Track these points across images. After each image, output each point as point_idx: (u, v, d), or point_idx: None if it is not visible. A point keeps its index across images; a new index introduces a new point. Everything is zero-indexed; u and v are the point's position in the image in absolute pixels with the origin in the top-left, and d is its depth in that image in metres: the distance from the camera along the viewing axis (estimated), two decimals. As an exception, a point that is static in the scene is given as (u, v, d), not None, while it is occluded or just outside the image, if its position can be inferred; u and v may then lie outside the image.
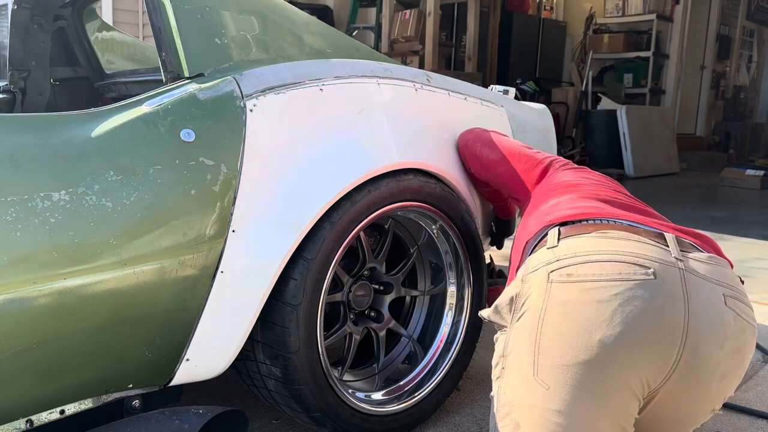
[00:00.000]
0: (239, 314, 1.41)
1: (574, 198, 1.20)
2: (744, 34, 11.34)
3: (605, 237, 1.00)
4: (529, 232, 1.21)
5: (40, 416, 1.23)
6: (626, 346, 0.91)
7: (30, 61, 2.33)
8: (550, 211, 1.19)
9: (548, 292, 0.95)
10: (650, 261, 0.96)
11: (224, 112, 1.36)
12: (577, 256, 0.98)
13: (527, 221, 1.27)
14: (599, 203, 1.19)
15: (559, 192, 1.27)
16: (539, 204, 1.28)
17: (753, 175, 7.25)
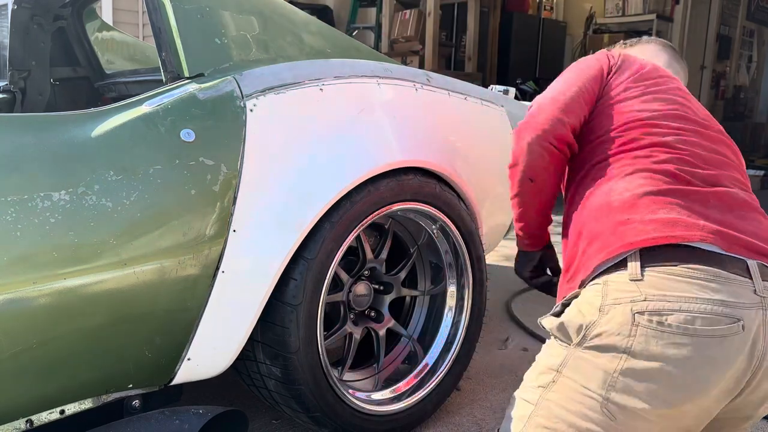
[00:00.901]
0: (240, 314, 1.41)
1: (655, 197, 1.02)
2: (744, 34, 11.33)
3: (694, 281, 0.93)
4: (595, 233, 1.06)
5: (40, 416, 1.23)
6: (706, 398, 0.93)
7: (30, 61, 2.33)
8: (625, 218, 1.02)
9: (633, 336, 0.91)
10: (738, 308, 0.92)
11: (224, 112, 1.36)
12: (666, 300, 0.91)
13: (591, 198, 1.11)
14: (686, 206, 1.01)
15: (637, 165, 1.09)
16: (607, 176, 1.11)
17: (753, 175, 7.26)
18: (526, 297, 2.93)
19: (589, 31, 9.64)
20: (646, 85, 1.22)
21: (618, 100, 1.20)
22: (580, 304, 1.00)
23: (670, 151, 1.09)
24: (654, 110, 1.16)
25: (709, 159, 1.11)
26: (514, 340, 2.50)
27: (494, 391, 2.10)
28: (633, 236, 0.99)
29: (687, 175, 1.06)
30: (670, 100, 1.19)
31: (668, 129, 1.13)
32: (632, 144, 1.12)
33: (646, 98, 1.19)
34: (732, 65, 11.20)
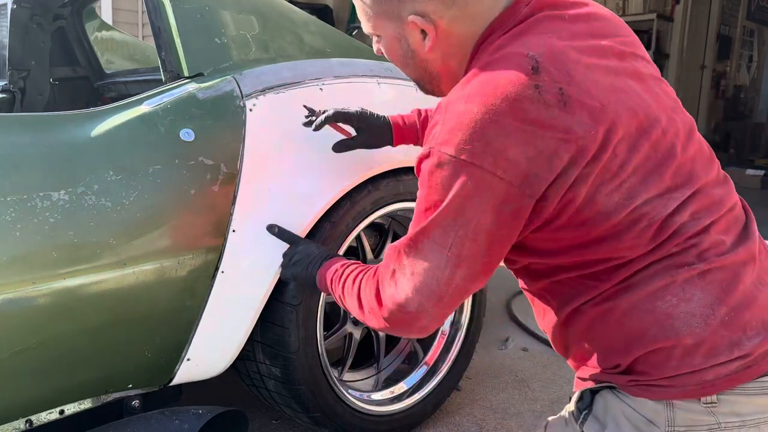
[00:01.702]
0: (239, 314, 1.40)
1: (703, 302, 0.81)
2: (744, 34, 11.33)
3: (765, 392, 0.80)
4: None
5: (39, 416, 1.23)
6: None
7: (29, 61, 2.33)
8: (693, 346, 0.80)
9: None
10: None
11: (224, 111, 1.36)
12: (744, 425, 0.79)
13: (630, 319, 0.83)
14: (738, 300, 0.82)
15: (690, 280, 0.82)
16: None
17: (753, 174, 7.25)
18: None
19: (589, 30, 9.62)
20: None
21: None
22: (631, 417, 0.82)
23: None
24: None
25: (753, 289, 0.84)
26: (514, 340, 2.50)
27: (494, 391, 2.10)
28: (709, 373, 0.83)
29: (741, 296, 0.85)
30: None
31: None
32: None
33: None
34: (732, 65, 11.20)
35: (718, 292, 0.80)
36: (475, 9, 0.89)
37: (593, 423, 0.87)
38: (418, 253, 0.86)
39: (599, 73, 0.82)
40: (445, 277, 0.85)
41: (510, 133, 0.77)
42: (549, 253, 0.87)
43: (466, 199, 0.80)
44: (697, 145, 0.90)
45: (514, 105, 0.77)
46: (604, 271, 0.84)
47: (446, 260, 0.84)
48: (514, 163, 0.78)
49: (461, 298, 0.88)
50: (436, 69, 0.96)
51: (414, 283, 0.87)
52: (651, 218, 0.81)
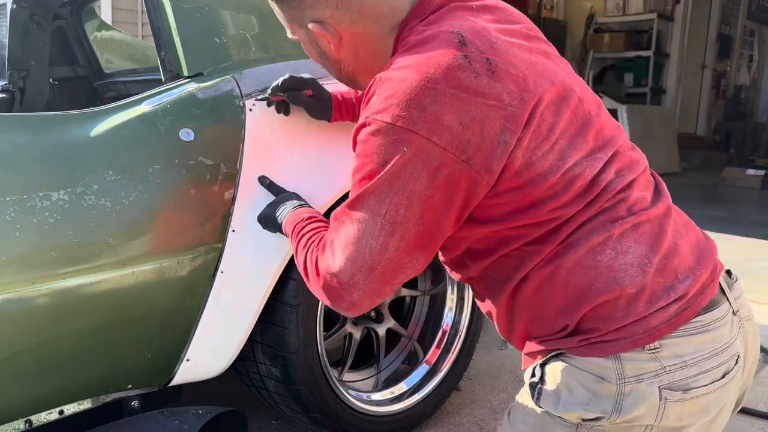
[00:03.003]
0: (239, 314, 1.40)
1: (639, 252, 0.86)
2: (745, 34, 11.33)
3: (702, 331, 0.86)
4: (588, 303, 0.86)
5: (39, 416, 1.23)
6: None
7: (29, 61, 2.33)
8: (635, 292, 0.85)
9: (662, 412, 0.83)
10: (734, 340, 0.89)
11: (224, 111, 1.36)
12: (686, 365, 0.84)
13: (574, 272, 0.86)
14: (666, 249, 0.88)
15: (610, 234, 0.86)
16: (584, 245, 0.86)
17: (754, 174, 7.25)
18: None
19: (589, 30, 9.64)
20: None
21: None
22: (582, 378, 0.85)
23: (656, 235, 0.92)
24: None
25: (673, 238, 0.91)
26: (514, 340, 2.50)
27: (494, 391, 2.09)
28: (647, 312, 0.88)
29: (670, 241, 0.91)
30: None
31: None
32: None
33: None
34: (732, 65, 11.20)
35: (650, 242, 0.86)
36: (374, 11, 0.93)
37: (548, 396, 0.88)
38: (354, 221, 0.88)
39: (516, 49, 0.87)
40: (379, 245, 0.86)
41: (444, 101, 0.80)
42: (494, 221, 0.88)
43: (402, 166, 0.82)
44: (607, 117, 0.96)
45: (447, 73, 0.81)
46: (547, 233, 0.87)
47: (380, 228, 0.86)
48: (448, 129, 0.81)
49: (394, 276, 0.89)
50: (350, 68, 1.00)
51: (348, 252, 0.88)
52: (583, 177, 0.86)
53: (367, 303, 0.91)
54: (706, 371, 0.85)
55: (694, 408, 0.85)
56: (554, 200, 0.85)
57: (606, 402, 0.83)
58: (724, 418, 0.91)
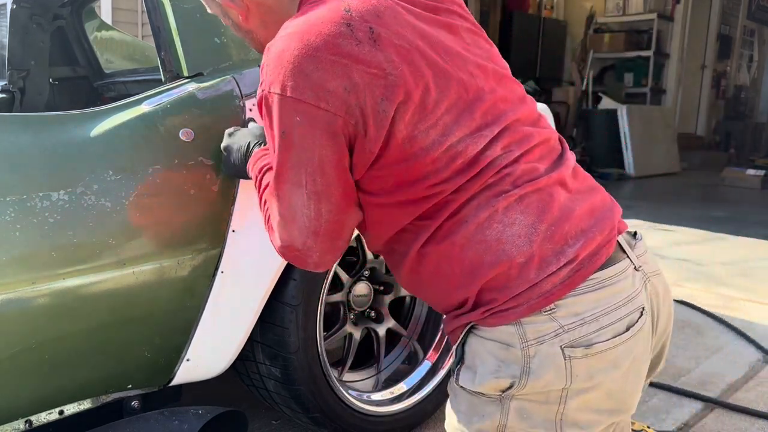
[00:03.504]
0: (239, 314, 1.40)
1: (525, 222, 0.89)
2: (745, 34, 11.33)
3: (597, 287, 0.88)
4: (477, 273, 0.89)
5: (39, 417, 1.23)
6: (638, 386, 0.96)
7: (29, 61, 2.33)
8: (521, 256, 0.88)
9: (570, 371, 0.86)
10: (637, 294, 0.92)
11: (224, 111, 1.36)
12: (585, 322, 0.86)
13: (464, 247, 0.89)
14: (555, 216, 0.90)
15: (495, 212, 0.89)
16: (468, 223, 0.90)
17: (754, 174, 7.25)
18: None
19: (589, 30, 9.64)
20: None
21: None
22: (492, 349, 0.88)
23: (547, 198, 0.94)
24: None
25: (568, 200, 0.93)
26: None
27: (494, 391, 2.09)
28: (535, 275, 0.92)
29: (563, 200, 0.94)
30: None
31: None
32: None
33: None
34: (732, 65, 11.20)
35: (536, 212, 0.89)
36: None
37: (465, 372, 0.92)
38: (283, 197, 0.91)
39: (411, 20, 0.90)
40: (312, 212, 0.90)
41: (326, 67, 0.83)
42: (381, 193, 0.92)
43: (302, 136, 0.86)
44: (508, 89, 0.97)
45: (327, 40, 0.83)
46: (433, 208, 0.90)
47: (306, 197, 0.90)
48: (334, 94, 0.83)
49: (342, 230, 0.93)
50: (261, 37, 1.02)
51: (290, 225, 0.92)
52: (464, 154, 0.88)
53: (330, 258, 0.96)
54: (606, 326, 0.87)
55: (601, 363, 0.87)
56: (435, 176, 0.88)
57: (514, 367, 0.87)
58: (639, 370, 0.93)
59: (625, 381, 0.90)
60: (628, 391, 0.92)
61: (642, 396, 1.03)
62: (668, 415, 1.98)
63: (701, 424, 1.94)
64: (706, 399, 2.07)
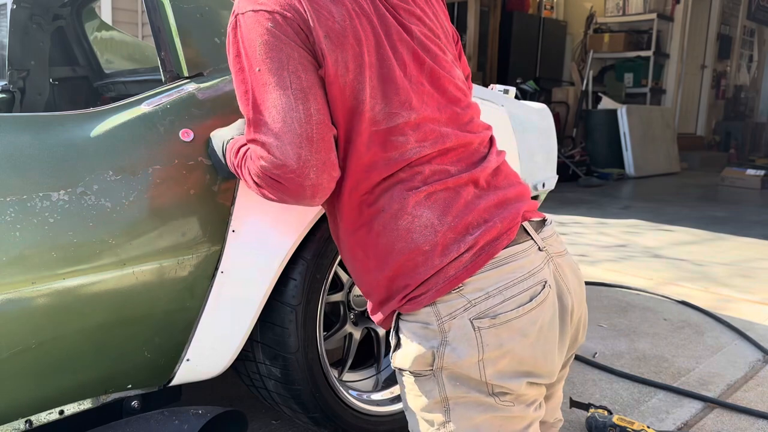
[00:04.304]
0: (239, 314, 1.40)
1: (431, 216, 0.98)
2: (744, 34, 11.33)
3: (499, 265, 0.97)
4: (395, 262, 0.99)
5: (39, 416, 1.23)
6: (557, 352, 1.04)
7: (29, 61, 2.33)
8: (426, 242, 0.97)
9: (481, 341, 0.95)
10: (539, 270, 1.00)
11: (224, 111, 1.36)
12: (490, 296, 0.95)
13: (389, 234, 0.99)
14: (459, 210, 0.99)
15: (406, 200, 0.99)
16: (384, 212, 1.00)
17: (753, 174, 7.25)
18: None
19: (589, 30, 9.64)
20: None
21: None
22: (415, 329, 0.98)
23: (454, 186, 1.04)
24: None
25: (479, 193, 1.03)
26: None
27: (494, 391, 2.09)
28: (440, 260, 1.02)
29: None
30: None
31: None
32: None
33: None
34: (732, 65, 11.20)
35: (442, 207, 0.98)
36: None
37: (398, 354, 1.01)
38: (268, 109, 0.94)
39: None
40: (302, 114, 0.93)
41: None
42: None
43: (277, 38, 0.93)
44: (435, 89, 1.05)
45: None
46: (365, 193, 1.00)
47: (294, 98, 0.93)
48: (295, 8, 0.94)
49: (329, 137, 0.97)
50: None
51: (280, 137, 0.94)
52: (381, 123, 0.98)
53: (326, 179, 0.98)
54: (509, 298, 0.96)
55: (508, 332, 0.96)
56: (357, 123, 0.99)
57: (433, 341, 0.96)
58: (548, 337, 1.00)
59: (534, 347, 0.98)
60: (539, 356, 0.99)
61: (641, 396, 1.04)
62: (668, 415, 1.98)
63: (701, 424, 1.94)
64: (706, 399, 2.07)
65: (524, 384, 0.98)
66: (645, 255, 4.05)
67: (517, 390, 0.97)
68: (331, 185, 1.00)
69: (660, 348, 2.53)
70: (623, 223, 5.07)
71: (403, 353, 1.00)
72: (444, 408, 0.99)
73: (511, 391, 0.97)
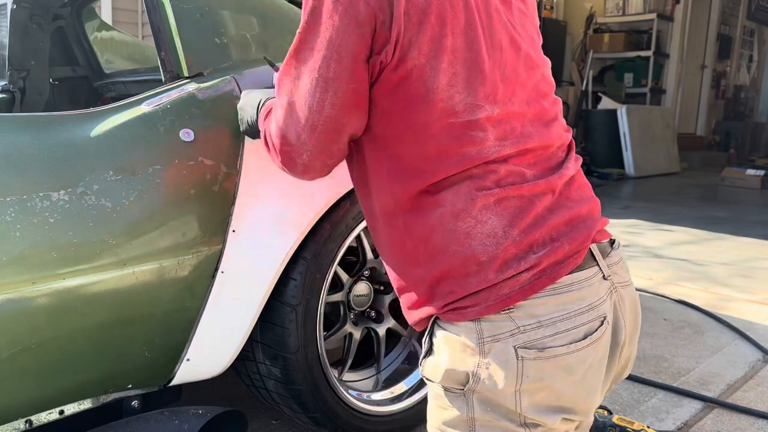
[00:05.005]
0: (239, 314, 1.40)
1: (497, 225, 0.89)
2: (744, 34, 11.33)
3: (559, 292, 0.89)
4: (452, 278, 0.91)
5: (39, 416, 1.23)
6: (598, 390, 0.97)
7: (29, 61, 2.33)
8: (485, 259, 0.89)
9: (522, 371, 0.88)
10: (601, 302, 0.92)
11: (224, 111, 1.36)
12: (541, 326, 0.87)
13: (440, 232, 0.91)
14: (527, 223, 0.91)
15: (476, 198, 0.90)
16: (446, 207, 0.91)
17: (753, 174, 7.25)
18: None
19: (589, 30, 9.63)
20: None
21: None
22: (452, 343, 0.91)
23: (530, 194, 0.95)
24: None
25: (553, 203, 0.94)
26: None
27: (494, 391, 2.09)
28: (496, 276, 0.93)
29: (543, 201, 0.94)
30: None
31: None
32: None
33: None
34: (732, 65, 11.20)
35: (511, 217, 0.89)
36: None
37: (430, 363, 0.94)
38: (294, 78, 0.92)
39: None
40: (316, 103, 0.90)
41: None
42: (383, 139, 0.92)
43: (330, 15, 0.86)
44: (529, 79, 0.95)
45: None
46: (429, 185, 0.90)
47: (315, 84, 0.89)
48: None
49: (340, 134, 0.92)
50: None
51: (290, 113, 0.93)
52: (460, 115, 0.88)
53: (319, 164, 0.96)
54: (563, 331, 0.88)
55: (553, 368, 0.88)
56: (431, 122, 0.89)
57: (470, 361, 0.89)
58: (594, 378, 0.93)
59: (577, 387, 0.91)
60: (581, 396, 0.92)
61: (641, 396, 1.03)
62: (668, 415, 1.98)
63: (701, 424, 1.94)
64: (706, 399, 2.07)
65: (559, 420, 0.92)
66: (645, 255, 4.05)
67: (550, 425, 0.91)
68: (324, 171, 0.98)
69: (660, 348, 2.53)
70: (623, 223, 5.07)
71: (435, 364, 0.93)
72: (469, 427, 0.92)
73: (544, 424, 0.91)
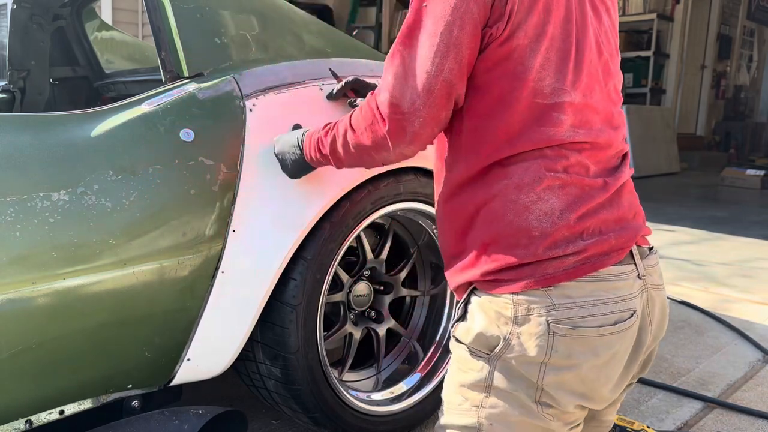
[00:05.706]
0: (239, 314, 1.40)
1: (556, 206, 0.95)
2: (744, 34, 11.33)
3: (596, 280, 0.95)
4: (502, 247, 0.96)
5: (39, 416, 1.23)
6: (614, 383, 1.01)
7: (29, 61, 2.33)
8: (533, 233, 0.95)
9: (551, 345, 0.93)
10: (633, 297, 0.97)
11: (224, 111, 1.36)
12: (576, 306, 0.93)
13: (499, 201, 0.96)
14: (583, 212, 0.96)
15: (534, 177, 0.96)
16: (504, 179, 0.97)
17: (753, 174, 7.25)
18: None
19: (589, 30, 9.62)
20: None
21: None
22: (487, 310, 0.97)
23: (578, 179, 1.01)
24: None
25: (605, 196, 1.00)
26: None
27: (494, 391, 2.09)
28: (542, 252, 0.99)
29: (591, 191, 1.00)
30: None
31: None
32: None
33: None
34: (732, 65, 11.19)
35: (570, 202, 0.95)
36: None
37: (462, 327, 1.00)
38: (412, 46, 0.94)
39: None
40: (435, 68, 0.92)
41: None
42: (474, 108, 0.97)
43: None
44: (606, 83, 1.02)
45: None
46: (504, 158, 0.95)
47: (436, 49, 0.92)
48: None
49: (449, 99, 0.95)
50: None
51: (406, 79, 0.94)
52: (546, 97, 0.93)
53: (428, 133, 0.97)
54: (595, 315, 0.93)
55: (581, 347, 0.93)
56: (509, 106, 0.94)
57: (504, 329, 0.94)
58: (616, 366, 0.98)
59: (599, 372, 0.96)
60: (601, 381, 0.97)
61: (641, 396, 1.04)
62: (668, 415, 1.98)
63: (701, 424, 1.94)
64: (706, 399, 2.07)
65: (573, 405, 0.96)
66: (645, 255, 4.05)
67: (564, 407, 0.96)
68: (430, 140, 1.00)
69: (660, 348, 2.53)
70: (623, 223, 5.06)
71: (467, 327, 0.98)
72: (485, 392, 0.97)
73: (558, 405, 0.95)
